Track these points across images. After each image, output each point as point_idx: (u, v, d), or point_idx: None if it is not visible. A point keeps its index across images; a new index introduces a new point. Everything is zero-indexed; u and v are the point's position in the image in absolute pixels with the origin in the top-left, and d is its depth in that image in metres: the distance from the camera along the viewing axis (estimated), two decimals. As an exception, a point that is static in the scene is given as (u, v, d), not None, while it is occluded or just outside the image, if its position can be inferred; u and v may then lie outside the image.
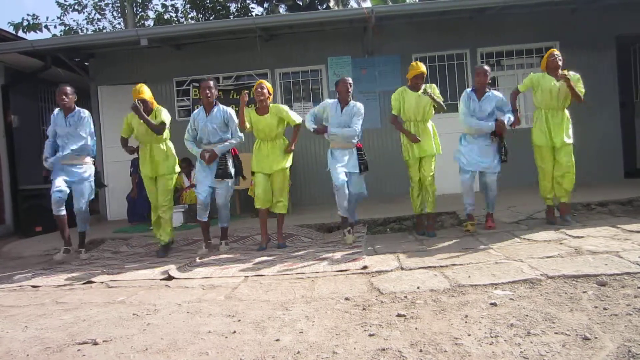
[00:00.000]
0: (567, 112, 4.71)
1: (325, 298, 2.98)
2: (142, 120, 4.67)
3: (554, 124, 4.63)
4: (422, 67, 4.70)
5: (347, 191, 4.62)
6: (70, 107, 4.85)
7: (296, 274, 3.67)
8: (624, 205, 5.36)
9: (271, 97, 4.81)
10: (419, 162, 4.78)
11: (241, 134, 4.85)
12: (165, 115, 4.84)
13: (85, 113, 4.92)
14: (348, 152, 4.74)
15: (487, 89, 4.74)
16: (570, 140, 4.64)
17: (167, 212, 4.98)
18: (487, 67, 4.74)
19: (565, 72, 4.48)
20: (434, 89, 4.69)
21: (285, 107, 4.83)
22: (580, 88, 4.58)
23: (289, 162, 4.86)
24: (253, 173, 4.98)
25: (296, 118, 4.82)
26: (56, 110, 4.94)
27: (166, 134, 4.93)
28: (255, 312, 2.79)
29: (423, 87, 4.68)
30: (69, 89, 4.87)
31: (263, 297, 3.13)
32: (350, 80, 4.74)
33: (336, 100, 4.79)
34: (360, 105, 4.77)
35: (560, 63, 4.59)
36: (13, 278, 4.29)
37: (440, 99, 4.66)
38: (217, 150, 4.73)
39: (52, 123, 4.90)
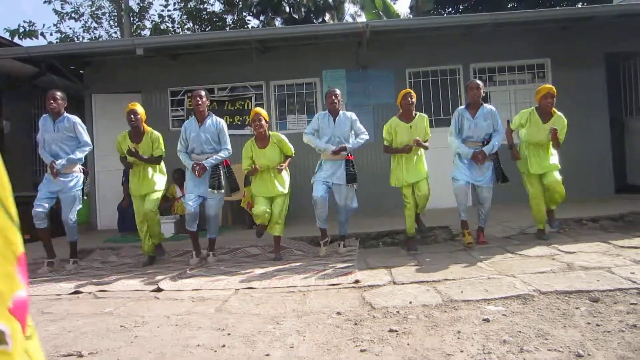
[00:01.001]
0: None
1: (316, 312, 2.94)
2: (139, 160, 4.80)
3: (538, 155, 4.70)
4: (409, 90, 4.80)
5: (326, 204, 4.66)
6: (59, 112, 4.78)
7: (287, 287, 3.63)
8: (615, 221, 5.40)
9: (267, 124, 4.77)
10: (411, 186, 4.78)
11: (229, 147, 4.84)
12: (162, 146, 4.91)
13: (76, 119, 4.85)
14: (337, 164, 4.74)
15: (481, 103, 4.75)
16: (555, 161, 4.71)
17: (155, 218, 4.92)
18: (479, 82, 4.75)
19: (556, 127, 4.54)
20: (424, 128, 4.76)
21: (284, 137, 4.79)
22: (563, 135, 4.67)
23: (287, 187, 4.81)
24: (245, 184, 4.95)
25: (292, 149, 4.82)
26: (44, 115, 4.88)
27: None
28: (246, 326, 2.74)
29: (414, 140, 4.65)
30: (58, 93, 4.81)
31: (254, 310, 3.09)
32: (337, 91, 4.78)
33: (326, 112, 4.83)
34: (351, 113, 4.85)
35: (552, 107, 4.62)
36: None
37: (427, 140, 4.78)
38: (206, 163, 4.69)
39: (40, 129, 4.82)
